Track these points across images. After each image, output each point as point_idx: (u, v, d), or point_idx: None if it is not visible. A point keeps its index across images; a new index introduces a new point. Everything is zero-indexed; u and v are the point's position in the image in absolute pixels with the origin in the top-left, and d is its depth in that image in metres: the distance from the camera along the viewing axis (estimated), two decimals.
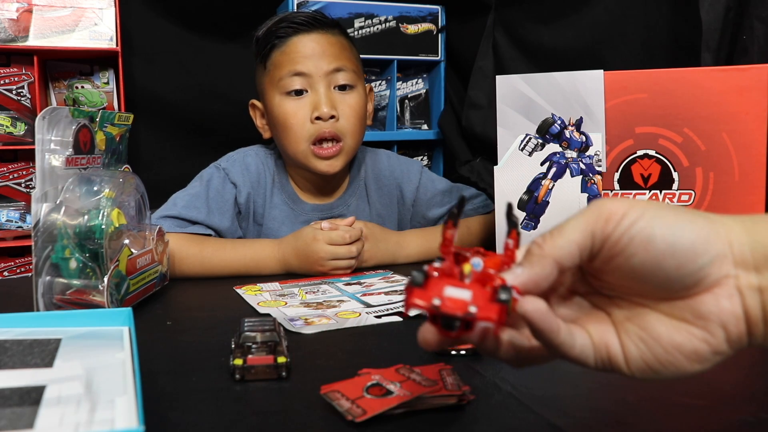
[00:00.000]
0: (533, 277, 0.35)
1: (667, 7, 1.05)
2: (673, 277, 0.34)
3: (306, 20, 1.02)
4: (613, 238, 0.34)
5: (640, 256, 0.33)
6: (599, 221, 0.34)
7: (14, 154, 1.87)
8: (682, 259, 0.33)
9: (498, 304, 0.33)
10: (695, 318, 0.34)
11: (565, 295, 0.39)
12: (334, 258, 0.92)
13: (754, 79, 0.75)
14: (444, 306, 0.33)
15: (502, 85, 0.82)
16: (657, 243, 0.33)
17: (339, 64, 1.02)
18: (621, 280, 0.36)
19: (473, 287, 0.34)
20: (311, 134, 1.01)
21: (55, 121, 0.70)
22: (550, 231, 0.36)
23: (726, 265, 0.34)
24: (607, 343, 0.36)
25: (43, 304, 0.69)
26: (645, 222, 0.33)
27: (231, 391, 0.51)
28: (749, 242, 0.34)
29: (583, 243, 0.35)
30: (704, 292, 0.34)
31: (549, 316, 0.34)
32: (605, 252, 0.35)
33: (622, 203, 0.35)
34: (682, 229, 0.33)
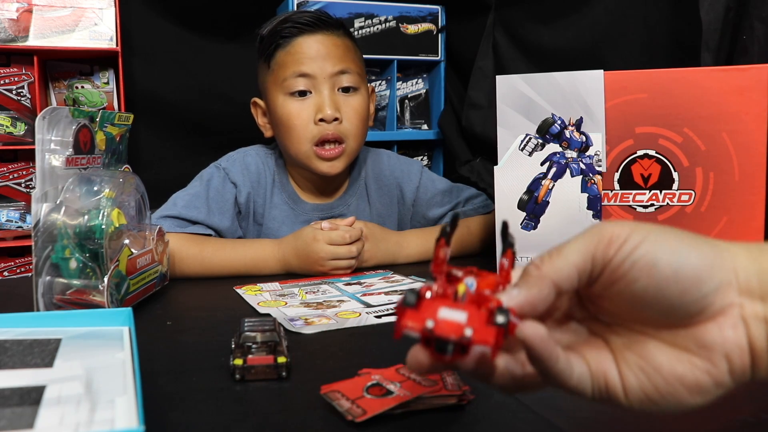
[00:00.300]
0: (530, 299, 0.33)
1: (667, 7, 1.05)
2: (676, 305, 0.32)
3: (311, 21, 1.02)
4: (615, 263, 0.33)
5: (642, 281, 0.32)
6: (600, 244, 0.33)
7: (14, 154, 1.87)
8: (685, 286, 0.32)
9: (495, 327, 0.31)
10: (698, 348, 0.33)
11: (560, 320, 0.38)
12: (334, 258, 0.92)
13: (754, 79, 0.75)
14: (438, 328, 0.31)
15: (502, 85, 0.82)
16: (660, 268, 0.32)
17: (343, 66, 1.02)
18: (621, 306, 0.34)
19: (468, 309, 0.32)
20: (314, 135, 1.01)
21: (55, 121, 0.70)
22: (549, 252, 0.35)
23: (731, 293, 0.32)
24: (605, 373, 0.34)
25: (43, 304, 0.69)
26: (648, 246, 0.32)
27: (231, 391, 0.51)
28: (756, 270, 0.33)
29: (583, 266, 0.33)
30: (708, 321, 0.33)
31: (549, 342, 0.32)
32: (606, 277, 0.33)
33: (624, 227, 0.33)
34: (686, 255, 0.32)
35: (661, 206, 0.79)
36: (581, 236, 0.34)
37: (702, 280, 0.32)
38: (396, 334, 0.32)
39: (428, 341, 0.32)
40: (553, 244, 0.90)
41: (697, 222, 0.78)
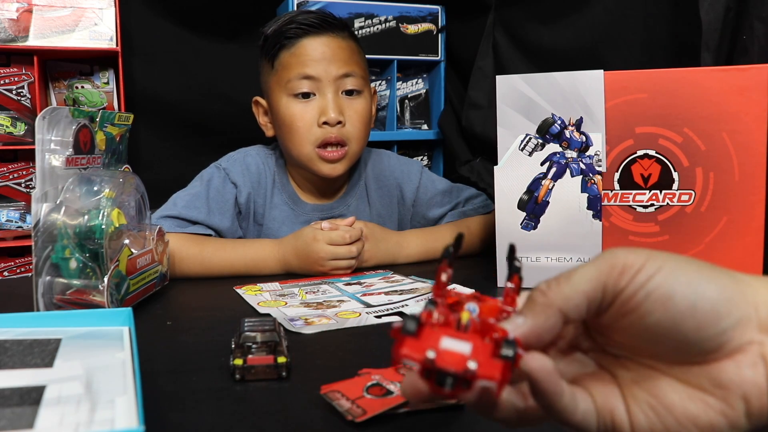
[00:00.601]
0: (535, 329, 0.31)
1: (667, 7, 1.05)
2: (692, 340, 0.30)
3: (316, 22, 1.01)
4: (627, 293, 0.31)
5: (656, 314, 0.30)
6: (613, 273, 0.31)
7: (14, 154, 1.87)
8: (703, 321, 0.30)
9: (501, 360, 0.29)
10: (713, 387, 0.31)
11: (564, 350, 0.36)
12: (334, 258, 0.92)
13: (754, 79, 0.75)
14: (440, 360, 0.29)
15: (502, 85, 0.82)
16: (676, 301, 0.30)
17: (348, 70, 1.02)
18: (632, 339, 0.32)
19: (473, 339, 0.30)
20: (317, 138, 1.01)
21: (55, 121, 0.70)
22: (556, 278, 0.33)
23: (750, 330, 0.30)
24: (612, 409, 0.32)
25: (43, 304, 0.69)
26: (663, 277, 0.30)
27: (231, 391, 0.51)
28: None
29: (593, 295, 0.31)
30: (725, 359, 0.31)
31: (555, 376, 0.30)
32: (617, 308, 0.31)
33: (639, 255, 0.31)
34: (704, 288, 0.30)
35: (661, 206, 0.79)
36: (592, 262, 0.32)
37: (720, 316, 0.30)
38: (394, 363, 0.30)
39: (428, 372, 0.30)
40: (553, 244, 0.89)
41: (697, 222, 0.78)
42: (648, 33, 1.09)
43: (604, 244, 0.81)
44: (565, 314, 0.31)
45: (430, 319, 0.31)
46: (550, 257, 0.83)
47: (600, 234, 0.81)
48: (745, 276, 0.32)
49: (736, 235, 0.77)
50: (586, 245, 0.81)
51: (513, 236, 0.84)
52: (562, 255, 0.82)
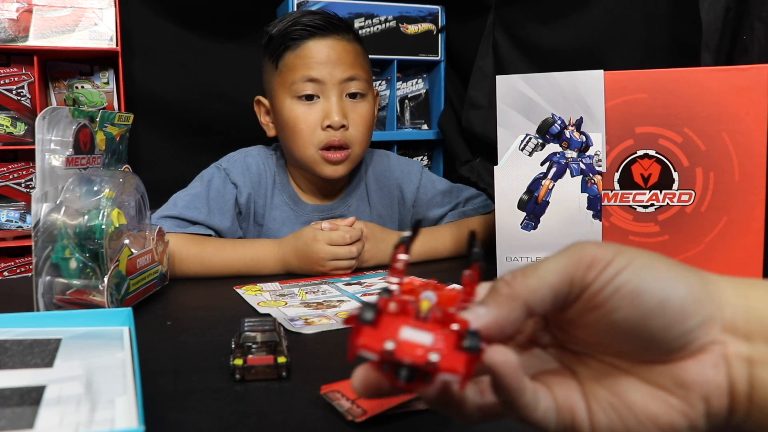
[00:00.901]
0: (498, 321, 0.29)
1: (667, 7, 1.05)
2: (659, 339, 0.30)
3: (322, 24, 1.01)
4: (595, 288, 0.30)
5: (624, 311, 0.29)
6: (581, 266, 0.30)
7: (14, 154, 1.87)
8: (671, 320, 0.29)
9: (464, 352, 0.27)
10: (675, 386, 0.30)
11: (523, 345, 0.35)
12: (335, 258, 0.92)
13: (754, 79, 0.75)
14: (399, 351, 0.27)
15: (502, 85, 0.82)
16: (645, 298, 0.29)
17: (353, 73, 1.02)
18: (596, 336, 0.31)
19: (434, 329, 0.28)
20: (320, 141, 1.01)
21: (55, 121, 0.70)
22: (522, 269, 0.31)
23: (714, 330, 0.30)
24: (572, 408, 0.31)
25: (43, 304, 0.69)
26: (633, 272, 0.29)
27: (231, 391, 0.51)
28: (743, 307, 0.30)
29: (560, 288, 0.30)
30: (688, 358, 0.30)
31: (519, 372, 0.29)
32: (583, 302, 0.30)
33: (608, 249, 0.30)
34: (674, 285, 0.30)
35: (661, 206, 0.79)
36: (560, 255, 0.31)
37: (688, 315, 0.29)
38: (349, 355, 0.28)
39: (386, 364, 0.28)
40: (553, 244, 0.89)
41: (697, 222, 0.78)
42: (648, 33, 1.09)
43: None
44: (530, 307, 0.30)
45: (387, 307, 0.29)
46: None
47: (600, 234, 0.81)
48: (711, 275, 0.32)
49: (736, 235, 0.77)
50: None
51: (513, 236, 0.84)
52: None
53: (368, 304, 0.29)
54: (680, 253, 0.79)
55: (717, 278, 0.32)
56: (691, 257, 0.79)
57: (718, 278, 0.32)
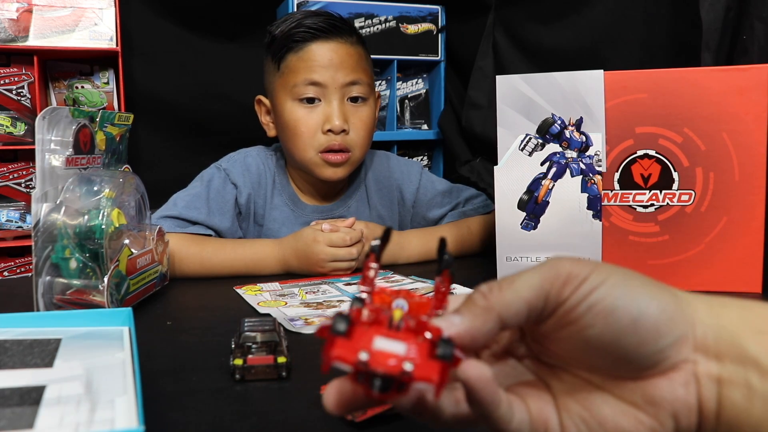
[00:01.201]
0: (471, 331, 0.30)
1: (667, 7, 1.05)
2: (631, 356, 0.30)
3: (325, 26, 1.00)
4: (570, 304, 0.30)
5: (597, 328, 0.30)
6: (556, 282, 0.30)
7: (14, 154, 1.87)
8: (643, 338, 0.29)
9: (438, 361, 0.27)
10: (645, 403, 0.31)
11: (498, 355, 0.35)
12: (335, 260, 0.92)
13: (754, 79, 0.75)
14: (373, 361, 0.27)
15: (502, 85, 0.82)
16: (619, 315, 0.29)
17: (355, 77, 1.01)
18: (569, 350, 0.32)
19: (407, 338, 0.28)
20: (321, 144, 1.01)
21: (55, 121, 0.70)
22: (499, 282, 0.31)
23: (686, 348, 0.30)
24: (546, 421, 0.32)
25: (43, 304, 0.69)
26: (607, 290, 0.30)
27: (231, 391, 0.51)
28: (714, 327, 0.31)
29: (535, 303, 0.30)
30: (659, 376, 0.30)
31: (493, 386, 0.29)
32: (558, 317, 0.31)
33: (584, 266, 0.31)
34: (647, 304, 0.30)
35: (661, 206, 0.79)
36: (536, 270, 0.31)
37: (661, 334, 0.30)
38: (324, 367, 0.28)
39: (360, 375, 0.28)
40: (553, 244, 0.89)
41: (697, 222, 0.78)
42: (648, 33, 1.09)
43: (604, 244, 0.81)
44: (504, 320, 0.30)
45: (360, 317, 0.29)
46: (550, 257, 0.83)
47: (600, 234, 0.81)
48: (685, 293, 0.32)
49: (736, 235, 0.77)
50: (586, 245, 0.81)
51: (513, 236, 0.84)
52: (563, 255, 0.82)
53: (341, 315, 0.29)
54: (680, 253, 0.79)
55: (690, 297, 0.32)
56: (691, 257, 0.79)
57: (691, 297, 0.32)
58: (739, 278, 0.78)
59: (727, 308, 0.31)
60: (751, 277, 0.77)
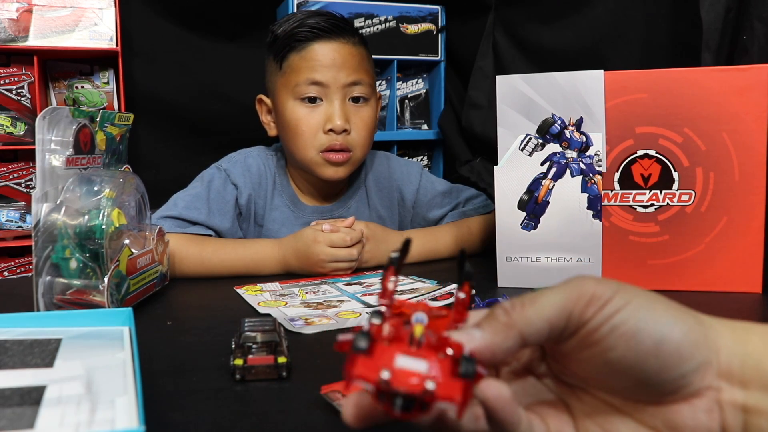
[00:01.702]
0: (491, 346, 0.30)
1: (667, 7, 1.05)
2: (653, 381, 0.30)
3: (327, 26, 1.01)
4: (592, 325, 0.30)
5: (619, 350, 0.29)
6: (580, 302, 0.30)
7: (14, 154, 1.87)
8: (666, 362, 0.29)
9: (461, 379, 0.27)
10: (666, 428, 0.30)
11: (518, 372, 0.35)
12: (335, 260, 0.92)
13: (754, 79, 0.75)
14: (395, 380, 0.27)
15: (502, 85, 0.82)
16: (642, 339, 0.29)
17: (357, 78, 1.01)
18: (590, 371, 0.31)
19: (428, 355, 0.28)
20: (322, 144, 1.01)
21: (55, 121, 0.70)
22: (521, 299, 0.31)
23: (710, 375, 0.30)
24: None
25: (43, 304, 0.69)
26: (630, 312, 0.29)
27: (231, 391, 0.50)
28: (739, 353, 0.30)
29: (557, 323, 0.30)
30: (681, 402, 0.30)
31: (513, 405, 0.29)
32: (580, 338, 0.30)
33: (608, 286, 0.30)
34: (671, 328, 0.29)
35: (661, 206, 0.79)
36: (560, 288, 0.31)
37: (683, 359, 0.29)
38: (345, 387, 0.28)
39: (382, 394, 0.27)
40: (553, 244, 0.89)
41: (697, 222, 0.78)
42: (648, 33, 1.09)
43: (604, 244, 0.81)
44: (525, 338, 0.30)
45: (381, 333, 0.29)
46: (550, 257, 0.83)
47: (600, 234, 0.81)
48: (708, 318, 0.31)
49: (736, 235, 0.77)
50: (586, 245, 0.81)
51: (513, 236, 0.84)
52: (562, 255, 0.82)
53: (361, 332, 0.28)
54: (680, 253, 0.79)
55: (714, 322, 0.31)
56: (691, 257, 0.79)
57: (715, 322, 0.31)
58: (739, 278, 0.78)
59: (751, 334, 0.31)
60: (751, 277, 0.77)
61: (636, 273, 0.80)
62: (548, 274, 0.83)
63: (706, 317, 0.32)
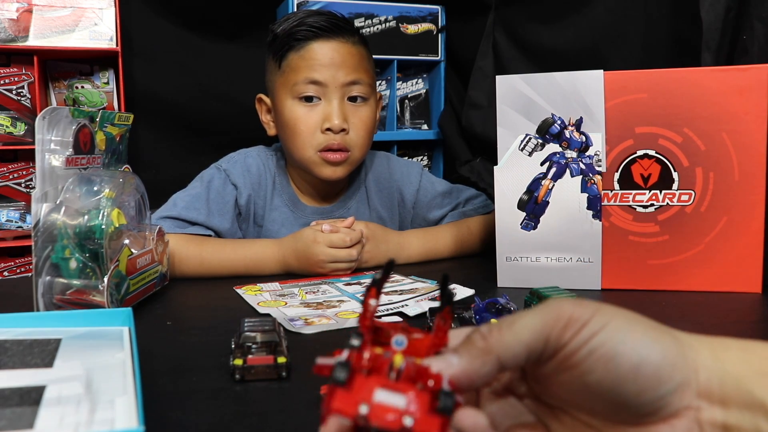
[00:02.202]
0: (469, 372, 0.30)
1: (667, 7, 1.05)
2: (632, 403, 0.30)
3: (327, 25, 1.01)
4: (570, 349, 0.30)
5: (598, 373, 0.29)
6: (557, 325, 0.30)
7: (14, 154, 1.87)
8: (645, 385, 0.29)
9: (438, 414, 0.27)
10: None
11: (498, 392, 0.35)
12: (334, 261, 0.92)
13: (754, 79, 0.75)
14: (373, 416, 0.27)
15: (502, 85, 0.82)
16: (620, 362, 0.29)
17: (356, 77, 1.01)
18: (569, 393, 0.31)
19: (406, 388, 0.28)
20: (320, 143, 1.01)
21: (55, 121, 0.70)
22: (499, 323, 0.31)
23: (689, 394, 0.30)
24: None
25: (43, 304, 0.69)
26: (608, 335, 0.29)
27: (231, 391, 0.51)
28: (718, 372, 0.30)
29: (534, 346, 0.30)
30: (660, 422, 0.30)
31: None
32: (558, 361, 0.30)
33: (586, 309, 0.30)
34: (649, 350, 0.29)
35: (661, 206, 0.79)
36: (537, 311, 0.31)
37: (662, 381, 0.29)
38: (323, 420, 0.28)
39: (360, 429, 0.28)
40: (553, 244, 0.89)
41: (697, 222, 0.78)
42: (648, 33, 1.09)
43: (604, 244, 0.81)
44: (503, 363, 0.30)
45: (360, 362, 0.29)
46: (550, 257, 0.83)
47: (600, 234, 0.81)
48: (686, 337, 0.31)
49: (736, 235, 0.77)
50: (586, 245, 0.81)
51: (513, 236, 0.84)
52: (562, 255, 0.82)
53: (341, 363, 0.29)
54: (680, 253, 0.79)
55: (693, 340, 0.31)
56: (691, 257, 0.79)
57: (693, 340, 0.31)
58: (739, 278, 0.78)
59: (729, 351, 0.31)
60: (751, 277, 0.77)
61: (636, 273, 0.80)
62: (548, 274, 0.83)
63: (684, 335, 0.31)
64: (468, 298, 0.75)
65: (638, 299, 0.77)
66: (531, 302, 0.67)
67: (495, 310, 0.62)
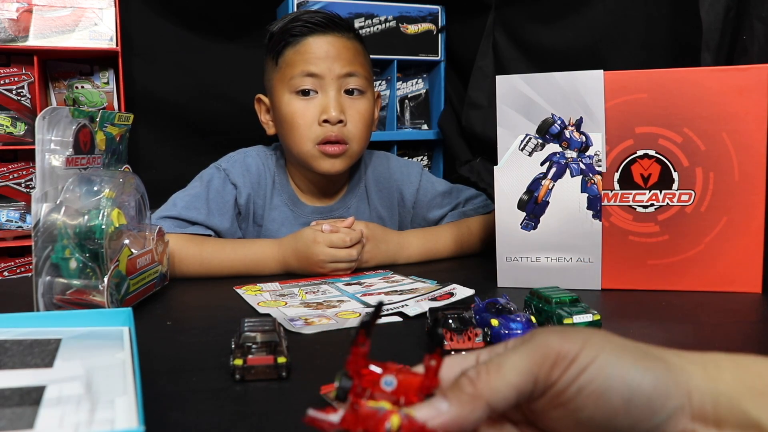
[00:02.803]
0: (458, 420, 0.29)
1: (667, 7, 1.05)
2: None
3: (322, 21, 1.01)
4: (559, 387, 0.29)
5: (589, 410, 0.29)
6: (545, 364, 0.30)
7: (14, 154, 1.87)
8: (637, 417, 0.29)
9: None
10: None
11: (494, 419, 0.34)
12: (334, 261, 0.92)
13: (754, 79, 0.75)
14: None
15: (502, 85, 0.82)
16: (610, 397, 0.29)
17: (352, 69, 1.02)
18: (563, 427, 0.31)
19: None
20: (318, 136, 1.01)
21: (55, 121, 0.70)
22: (487, 365, 0.31)
23: (683, 419, 0.29)
24: None
25: (43, 304, 0.69)
26: (597, 370, 0.29)
27: (231, 391, 0.51)
28: (711, 393, 0.30)
29: (524, 388, 0.30)
30: None
31: None
32: (548, 399, 0.30)
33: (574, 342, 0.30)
34: (639, 381, 0.29)
35: (661, 206, 0.79)
36: (524, 349, 0.31)
37: (655, 411, 0.29)
38: None
39: None
40: (553, 244, 0.89)
41: (697, 222, 0.78)
42: (648, 33, 1.09)
43: (604, 244, 0.81)
44: (493, 407, 0.30)
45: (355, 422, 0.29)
46: (550, 257, 0.83)
47: (600, 234, 0.81)
48: (678, 359, 0.31)
49: (736, 235, 0.77)
50: (586, 245, 0.81)
51: (513, 236, 0.84)
52: (562, 255, 0.82)
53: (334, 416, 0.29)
54: (680, 253, 0.79)
55: (684, 361, 0.31)
56: (691, 257, 0.79)
57: (684, 361, 0.31)
58: (739, 278, 0.78)
59: (721, 370, 0.31)
60: (751, 277, 0.77)
61: (636, 273, 0.80)
62: (548, 274, 0.83)
63: (675, 357, 0.31)
64: (468, 298, 0.75)
65: (638, 299, 0.77)
66: (531, 302, 0.67)
67: (495, 310, 0.62)
